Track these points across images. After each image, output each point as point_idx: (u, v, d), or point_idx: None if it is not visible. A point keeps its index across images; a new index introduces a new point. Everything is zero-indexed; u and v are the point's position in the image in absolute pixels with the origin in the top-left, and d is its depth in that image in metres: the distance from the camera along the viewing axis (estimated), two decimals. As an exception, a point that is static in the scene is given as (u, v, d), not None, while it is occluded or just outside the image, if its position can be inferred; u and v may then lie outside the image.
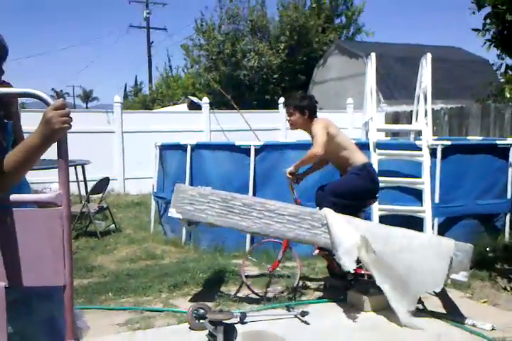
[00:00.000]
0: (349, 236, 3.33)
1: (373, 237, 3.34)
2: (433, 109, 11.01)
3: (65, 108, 1.37)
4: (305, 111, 3.98)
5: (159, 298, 3.95)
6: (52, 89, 51.49)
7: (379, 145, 5.40)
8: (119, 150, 10.64)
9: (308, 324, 3.28)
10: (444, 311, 3.53)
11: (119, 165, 10.62)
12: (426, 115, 5.65)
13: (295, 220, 3.41)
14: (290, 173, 4.02)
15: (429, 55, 5.86)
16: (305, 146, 5.77)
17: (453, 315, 3.41)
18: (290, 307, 3.50)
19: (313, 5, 18.36)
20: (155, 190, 7.15)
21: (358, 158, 4.00)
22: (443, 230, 5.41)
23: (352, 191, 3.85)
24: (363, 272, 3.72)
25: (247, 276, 4.12)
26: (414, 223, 5.10)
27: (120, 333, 3.21)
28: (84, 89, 53.92)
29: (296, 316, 3.37)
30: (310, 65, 17.35)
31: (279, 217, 3.40)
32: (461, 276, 3.30)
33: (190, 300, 3.81)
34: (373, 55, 6.02)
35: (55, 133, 1.35)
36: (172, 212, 3.55)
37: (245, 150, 5.77)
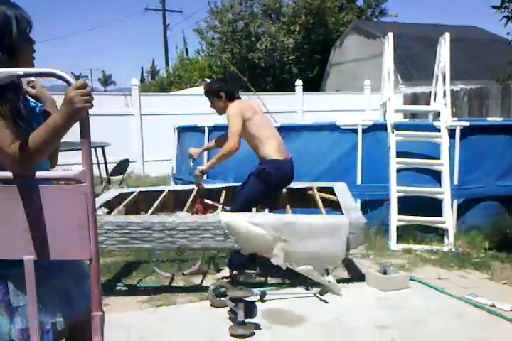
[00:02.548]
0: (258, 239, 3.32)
1: (280, 231, 3.33)
2: (452, 90, 10.85)
3: (86, 87, 1.39)
4: (220, 93, 3.88)
5: (181, 276, 4.03)
6: (72, 73, 51.84)
7: (397, 127, 5.37)
8: (138, 132, 10.72)
9: (327, 302, 3.33)
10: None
11: (138, 148, 10.71)
12: (444, 95, 5.59)
13: (197, 233, 3.34)
14: (202, 172, 3.91)
15: (447, 35, 5.77)
16: (321, 128, 5.81)
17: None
18: (309, 286, 3.55)
19: None
20: (174, 172, 7.23)
21: (267, 150, 3.84)
22: (462, 212, 5.39)
23: (257, 192, 3.83)
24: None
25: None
26: (433, 205, 5.10)
27: (143, 309, 3.30)
28: (104, 72, 54.15)
29: (315, 295, 3.42)
30: (327, 45, 17.17)
31: (181, 233, 3.34)
32: (359, 250, 3.70)
33: (212, 279, 3.88)
34: (391, 34, 5.94)
35: (77, 112, 1.37)
36: None
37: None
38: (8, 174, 1.46)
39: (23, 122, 1.52)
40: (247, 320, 2.89)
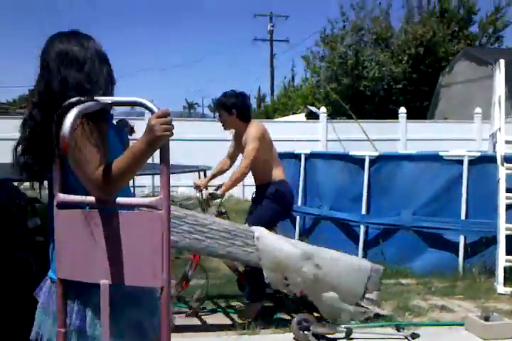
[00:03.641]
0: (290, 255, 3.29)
1: (312, 254, 3.34)
2: None
3: (167, 116, 1.42)
4: (232, 110, 3.76)
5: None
6: (185, 99, 55.12)
7: (508, 159, 4.97)
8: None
9: (419, 346, 3.09)
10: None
11: (237, 173, 10.94)
12: None
13: (228, 237, 3.18)
14: (212, 196, 3.81)
15: None
16: (423, 158, 5.54)
17: None
18: (400, 328, 3.33)
19: (440, 15, 17.54)
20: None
21: (278, 172, 3.89)
22: None
23: (273, 213, 3.82)
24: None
25: None
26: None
27: (227, 335, 3.29)
28: (213, 99, 56.94)
29: (406, 337, 3.19)
30: (435, 75, 16.59)
31: (212, 232, 3.16)
32: (374, 295, 3.47)
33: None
34: (502, 61, 5.59)
35: (157, 139, 1.41)
36: None
37: (359, 161, 5.64)
38: (91, 199, 1.53)
39: (113, 148, 1.59)
40: (329, 358, 2.76)
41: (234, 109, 3.78)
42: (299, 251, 3.29)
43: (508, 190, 4.80)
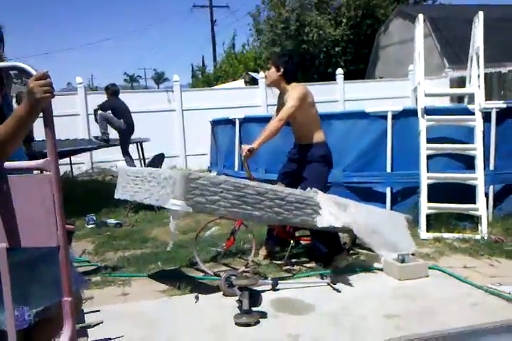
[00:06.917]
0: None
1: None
2: (500, 72, 10.34)
3: (46, 78, 1.42)
4: (280, 68, 3.91)
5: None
6: (125, 73, 53.54)
7: (429, 111, 5.18)
8: (180, 128, 10.91)
9: (339, 291, 3.28)
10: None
11: (180, 143, 10.91)
12: (479, 77, 5.33)
13: (301, 206, 3.37)
14: (251, 151, 3.73)
15: (481, 14, 5.49)
16: (350, 116, 5.68)
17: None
18: (324, 276, 3.51)
19: None
20: (209, 165, 7.33)
21: (321, 135, 4.03)
22: (500, 198, 5.16)
23: (326, 175, 4.04)
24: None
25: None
26: (469, 192, 4.87)
27: (158, 298, 3.37)
28: (156, 70, 55.65)
29: (328, 284, 3.38)
30: (374, 37, 16.74)
31: (288, 204, 3.33)
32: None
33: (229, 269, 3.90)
34: (421, 16, 5.72)
35: (38, 102, 1.42)
36: (180, 205, 2.97)
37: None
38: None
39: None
40: (254, 309, 2.90)
41: (282, 67, 3.91)
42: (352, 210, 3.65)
43: (428, 141, 5.03)
